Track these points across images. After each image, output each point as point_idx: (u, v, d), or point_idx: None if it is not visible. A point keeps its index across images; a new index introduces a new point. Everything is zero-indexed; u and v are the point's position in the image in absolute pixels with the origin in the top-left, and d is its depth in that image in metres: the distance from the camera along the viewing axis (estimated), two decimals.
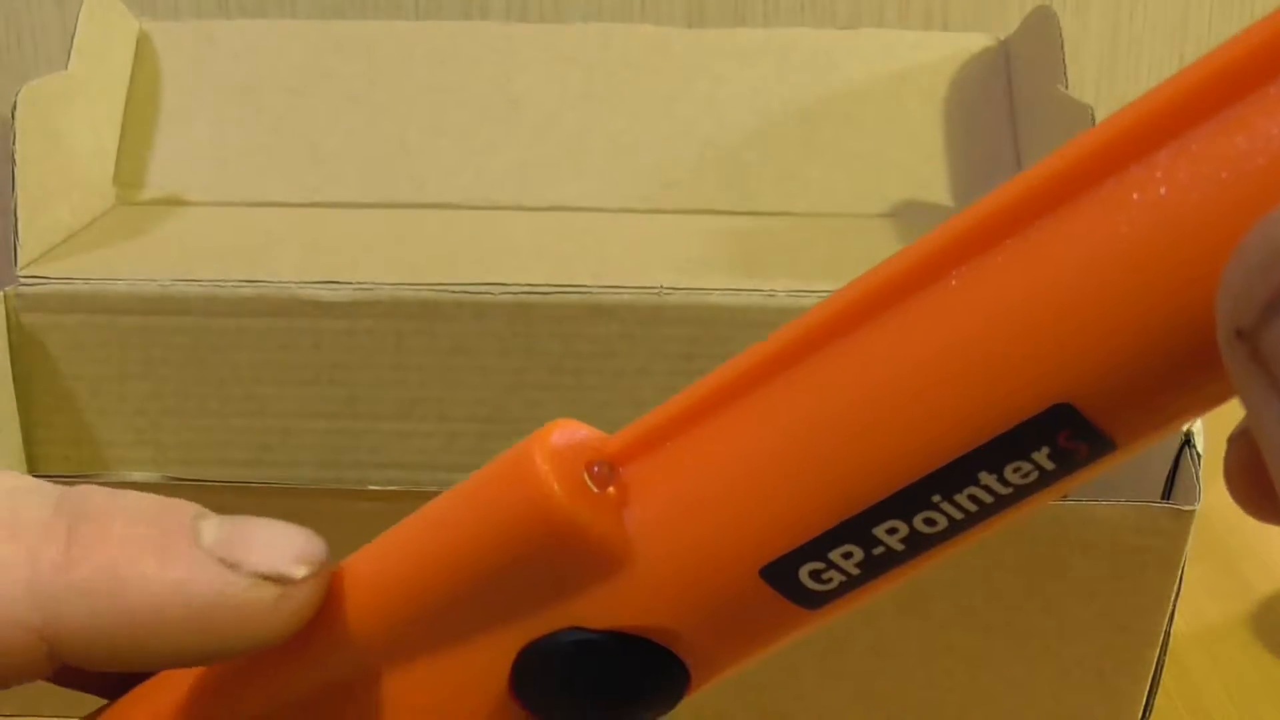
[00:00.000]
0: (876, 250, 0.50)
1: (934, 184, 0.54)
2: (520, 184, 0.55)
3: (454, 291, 0.46)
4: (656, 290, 0.46)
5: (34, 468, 0.48)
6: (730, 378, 0.16)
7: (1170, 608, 0.36)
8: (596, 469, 0.16)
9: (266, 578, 0.16)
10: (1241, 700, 0.42)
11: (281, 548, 0.17)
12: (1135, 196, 0.13)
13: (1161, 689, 0.37)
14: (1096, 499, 0.34)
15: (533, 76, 0.56)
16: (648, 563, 0.16)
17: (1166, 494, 0.37)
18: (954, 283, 0.14)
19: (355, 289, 0.47)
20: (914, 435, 0.14)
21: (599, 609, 0.16)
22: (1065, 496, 0.15)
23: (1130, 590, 0.35)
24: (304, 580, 0.17)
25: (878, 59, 0.56)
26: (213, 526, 0.17)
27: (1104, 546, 0.35)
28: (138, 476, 0.47)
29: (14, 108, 0.48)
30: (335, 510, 0.34)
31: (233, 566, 0.16)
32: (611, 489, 0.16)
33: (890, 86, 0.56)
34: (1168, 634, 0.36)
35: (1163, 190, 0.13)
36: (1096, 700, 0.37)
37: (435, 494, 0.17)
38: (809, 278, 0.47)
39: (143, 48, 0.56)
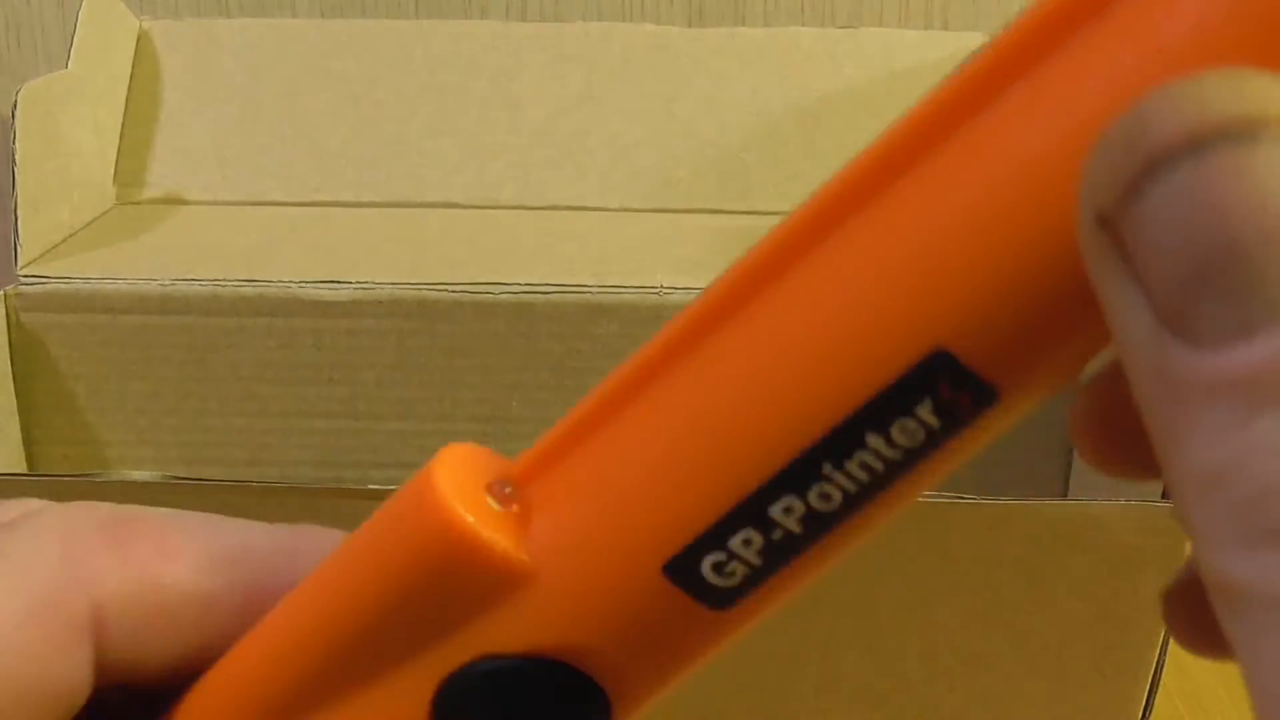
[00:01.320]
0: None
1: None
2: (520, 184, 0.55)
3: (454, 291, 0.46)
4: (656, 290, 0.46)
5: (34, 467, 0.48)
6: (618, 383, 0.16)
7: None
8: (499, 489, 0.16)
9: None
10: (1241, 700, 0.42)
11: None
12: (989, 136, 0.13)
13: (1161, 689, 0.37)
14: (1096, 499, 0.34)
15: (533, 76, 0.56)
16: (553, 577, 0.16)
17: (1166, 493, 0.37)
18: (818, 248, 0.14)
19: (355, 289, 0.46)
20: (793, 404, 0.14)
21: (510, 631, 0.16)
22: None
23: (1130, 590, 0.35)
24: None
25: (878, 59, 0.56)
26: None
27: (1104, 546, 0.35)
28: (138, 476, 0.47)
29: (14, 108, 0.48)
30: (335, 510, 0.34)
31: None
32: (515, 507, 0.16)
33: (890, 86, 0.56)
34: (1168, 634, 0.36)
35: (1015, 125, 0.13)
36: (1096, 700, 0.37)
37: None
38: None
39: (143, 47, 0.56)
